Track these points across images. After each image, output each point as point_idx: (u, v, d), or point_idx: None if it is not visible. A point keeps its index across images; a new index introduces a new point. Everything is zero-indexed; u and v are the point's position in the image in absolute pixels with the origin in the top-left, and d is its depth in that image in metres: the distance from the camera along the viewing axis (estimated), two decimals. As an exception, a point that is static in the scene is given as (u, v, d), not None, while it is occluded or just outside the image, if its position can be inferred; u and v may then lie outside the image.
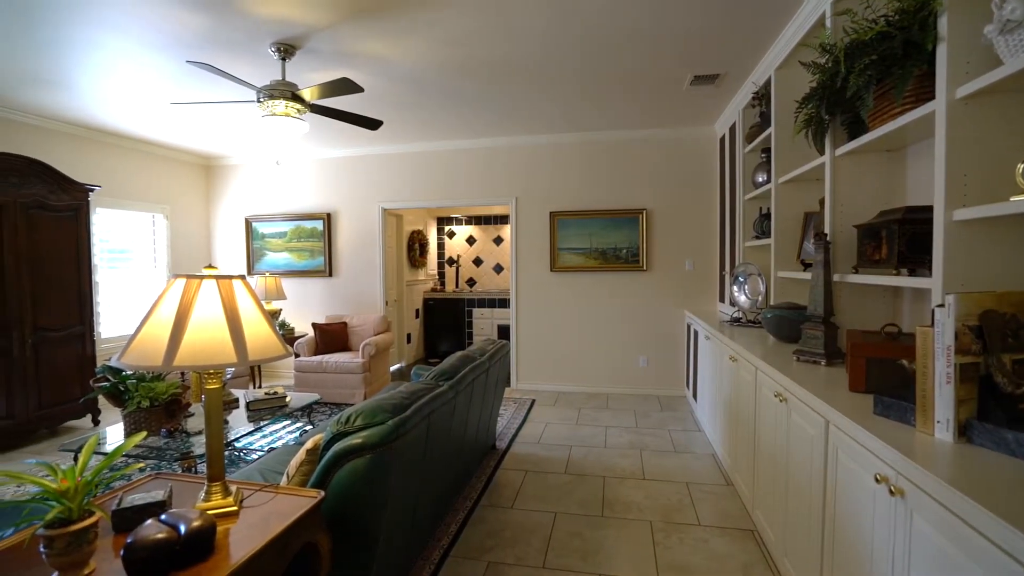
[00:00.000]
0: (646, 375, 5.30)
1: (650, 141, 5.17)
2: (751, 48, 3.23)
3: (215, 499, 1.51)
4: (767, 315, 2.88)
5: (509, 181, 5.50)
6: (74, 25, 2.81)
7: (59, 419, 4.19)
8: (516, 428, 4.22)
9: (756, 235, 3.78)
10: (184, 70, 3.43)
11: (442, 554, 2.41)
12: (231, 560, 1.29)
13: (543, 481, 3.24)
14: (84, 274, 4.39)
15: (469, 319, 7.33)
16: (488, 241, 7.87)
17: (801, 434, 1.89)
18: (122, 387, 2.88)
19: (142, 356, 1.37)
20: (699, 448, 3.76)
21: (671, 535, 2.58)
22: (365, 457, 1.64)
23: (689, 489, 3.09)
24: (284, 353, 1.49)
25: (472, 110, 4.44)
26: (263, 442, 3.89)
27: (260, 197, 6.16)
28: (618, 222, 5.27)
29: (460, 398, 2.39)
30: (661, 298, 5.24)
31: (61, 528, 1.18)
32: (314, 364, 4.95)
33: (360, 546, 1.72)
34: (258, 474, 2.19)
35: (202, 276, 1.44)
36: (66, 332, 4.25)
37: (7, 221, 3.83)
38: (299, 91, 3.10)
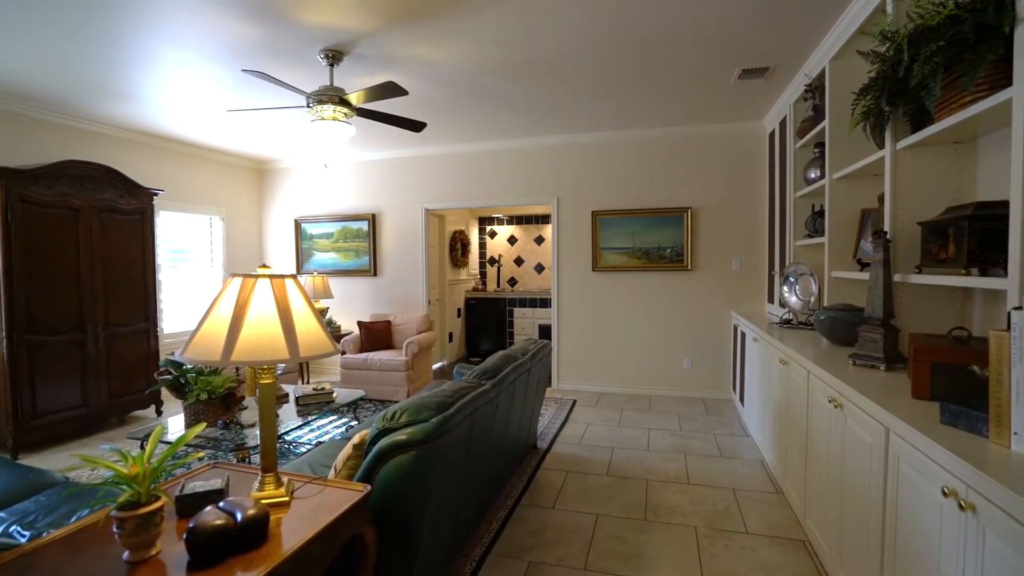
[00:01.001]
0: (690, 377, 5.17)
1: (695, 138, 5.04)
2: (803, 39, 3.10)
3: (268, 489, 1.57)
4: (820, 317, 2.76)
5: (551, 181, 5.49)
6: (142, 40, 2.99)
7: (127, 409, 4.48)
8: (557, 428, 4.21)
9: (808, 233, 3.63)
10: (238, 79, 3.60)
11: (483, 551, 2.43)
12: (283, 548, 1.34)
13: (584, 482, 3.21)
14: (149, 273, 4.67)
15: (510, 318, 7.36)
16: (529, 241, 7.87)
17: (858, 442, 1.80)
18: (183, 380, 3.04)
19: (203, 351, 1.44)
20: (746, 454, 3.64)
21: (716, 542, 2.51)
22: (409, 453, 1.67)
23: (736, 495, 3.00)
24: (333, 350, 1.53)
25: (514, 110, 4.45)
26: (311, 436, 4.03)
27: (308, 199, 6.39)
28: (662, 221, 5.16)
29: (502, 397, 2.40)
30: (706, 298, 5.10)
31: (131, 511, 1.26)
32: (359, 361, 5.08)
33: (404, 540, 1.75)
34: (307, 467, 2.27)
35: (257, 275, 1.50)
36: (133, 328, 4.53)
37: (83, 224, 4.12)
38: (346, 96, 3.19)
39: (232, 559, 1.30)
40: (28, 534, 1.78)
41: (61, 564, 1.28)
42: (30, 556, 1.32)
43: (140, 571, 1.26)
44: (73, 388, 4.05)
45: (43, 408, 3.85)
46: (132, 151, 5.03)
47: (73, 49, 3.11)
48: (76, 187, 4.07)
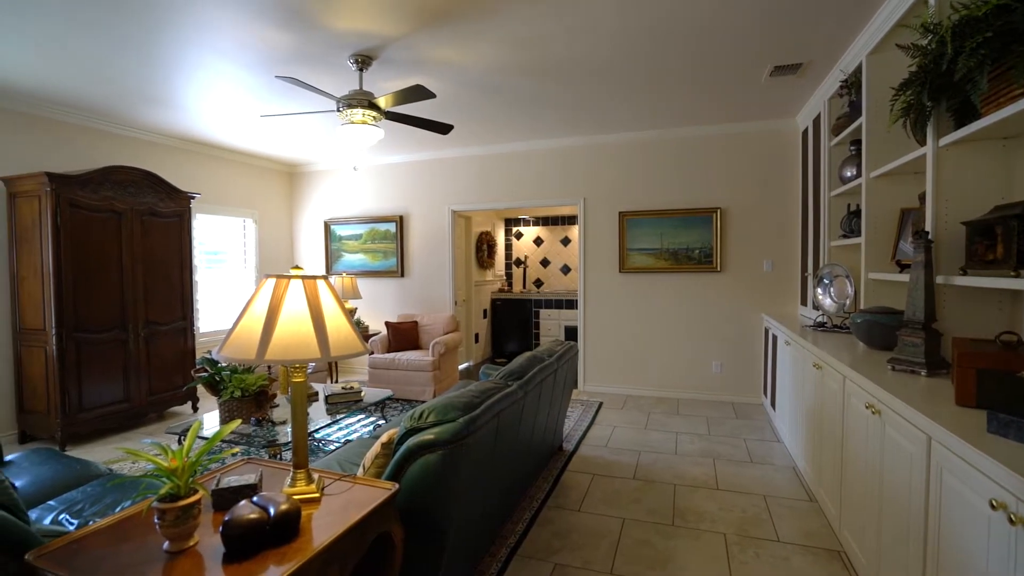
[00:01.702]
0: (720, 381, 5.08)
1: (725, 137, 4.95)
2: (839, 33, 3.01)
3: (300, 485, 1.61)
4: (857, 320, 2.68)
5: (577, 181, 5.46)
6: (184, 50, 3.10)
7: (165, 404, 4.64)
8: (583, 431, 4.18)
9: (843, 234, 3.52)
10: (271, 85, 3.69)
11: (509, 552, 2.43)
12: (313, 543, 1.37)
13: (610, 485, 3.18)
14: (186, 274, 4.83)
15: (536, 320, 7.35)
16: (555, 242, 7.85)
17: (898, 451, 1.74)
18: (218, 378, 3.14)
19: (238, 349, 1.48)
20: (778, 460, 3.55)
21: (747, 549, 2.46)
22: (437, 453, 1.68)
23: (767, 502, 2.93)
24: (363, 350, 1.56)
25: (540, 111, 4.45)
26: (339, 434, 4.10)
27: (338, 201, 6.51)
28: (690, 221, 5.08)
29: (529, 398, 2.40)
30: (736, 300, 5.00)
31: (171, 503, 1.31)
32: (387, 361, 5.15)
33: (431, 538, 1.77)
34: (336, 464, 2.31)
35: (290, 276, 1.54)
36: (171, 326, 4.69)
37: (126, 226, 4.29)
38: (375, 99, 3.24)
39: (265, 552, 1.33)
40: (76, 522, 1.86)
41: (107, 552, 1.34)
42: (78, 543, 1.38)
43: (179, 561, 1.30)
44: (116, 384, 4.22)
45: (88, 402, 4.02)
46: (171, 156, 5.22)
47: (120, 60, 3.25)
48: (119, 191, 4.24)
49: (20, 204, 3.92)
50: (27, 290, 3.94)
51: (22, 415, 4.04)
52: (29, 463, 2.49)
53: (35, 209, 3.84)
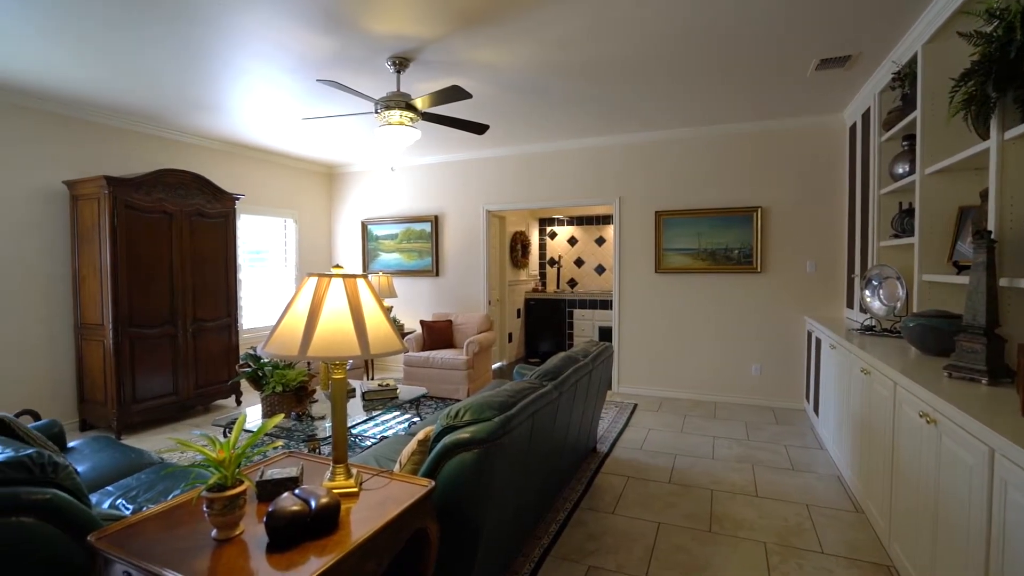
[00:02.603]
0: (759, 384, 4.93)
1: (767, 134, 4.80)
2: (892, 23, 2.87)
3: (339, 480, 1.64)
4: (909, 324, 2.55)
5: (613, 181, 5.40)
6: (231, 56, 3.22)
7: (211, 398, 4.83)
8: (617, 432, 4.13)
9: (895, 233, 3.36)
10: (312, 89, 3.79)
11: (542, 552, 2.43)
12: (352, 537, 1.40)
13: (645, 489, 3.13)
14: (231, 272, 5.02)
15: (570, 320, 7.31)
16: (590, 242, 7.79)
17: (956, 462, 1.65)
18: (261, 373, 3.24)
19: (281, 346, 1.52)
20: (821, 468, 3.42)
21: (788, 560, 2.37)
22: (472, 451, 1.69)
23: (810, 512, 2.82)
24: (401, 348, 1.58)
25: (576, 110, 4.42)
26: (375, 430, 4.18)
27: (374, 201, 6.63)
28: (729, 221, 4.95)
29: (563, 399, 2.39)
30: (777, 302, 4.84)
31: (219, 492, 1.36)
32: (421, 359, 5.22)
33: (465, 536, 1.78)
34: (373, 459, 2.35)
35: (331, 275, 1.57)
36: (216, 323, 4.87)
37: (175, 227, 4.48)
38: (412, 101, 3.29)
39: (306, 543, 1.36)
40: (131, 507, 1.96)
41: (160, 536, 1.40)
42: (134, 527, 1.45)
43: (226, 548, 1.35)
44: (165, 377, 4.42)
45: (141, 394, 4.23)
46: (216, 159, 5.43)
47: (172, 68, 3.39)
48: (170, 193, 4.43)
49: (81, 206, 4.15)
50: (87, 287, 4.17)
51: (83, 404, 4.28)
52: (89, 450, 2.63)
53: (95, 211, 4.06)
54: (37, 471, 1.43)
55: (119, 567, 1.32)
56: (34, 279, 4.07)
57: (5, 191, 3.89)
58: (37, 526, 1.36)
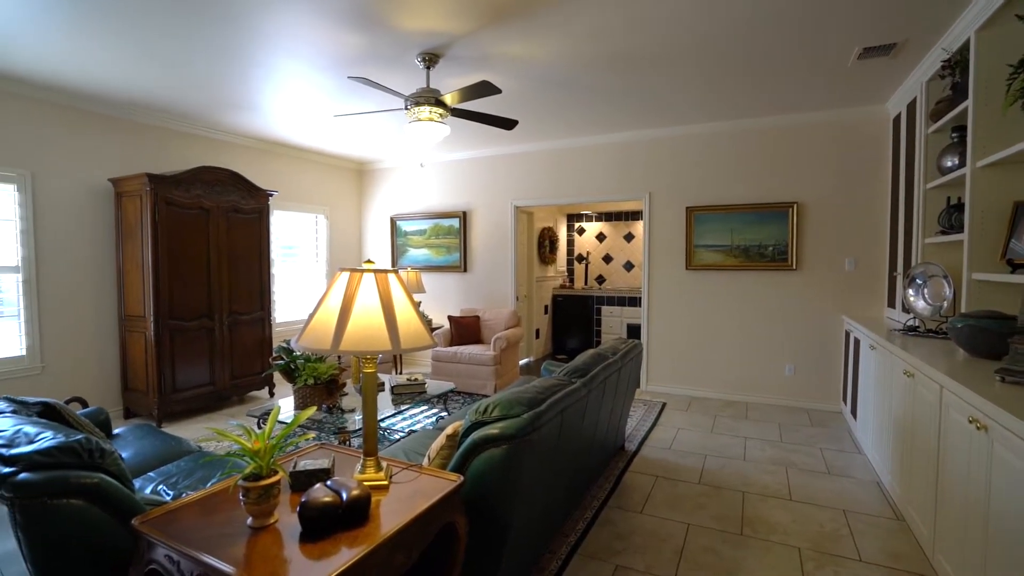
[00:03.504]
0: (793, 385, 4.80)
1: (804, 126, 4.65)
2: (941, 7, 2.73)
3: (369, 472, 1.66)
4: (957, 324, 2.43)
5: (643, 176, 5.32)
6: (265, 55, 3.28)
7: (245, 389, 4.97)
8: (646, 431, 4.08)
9: (941, 230, 3.21)
10: (343, 86, 3.84)
11: (569, 550, 2.41)
12: (382, 529, 1.41)
13: (674, 489, 3.09)
14: (264, 267, 5.14)
15: (598, 316, 7.25)
16: (618, 238, 7.70)
17: (1009, 471, 1.56)
18: (293, 366, 3.32)
19: (315, 340, 1.55)
20: (859, 472, 3.31)
21: (824, 567, 2.30)
22: (501, 447, 1.69)
23: (847, 518, 2.73)
24: (431, 343, 1.59)
25: (606, 104, 4.36)
26: (404, 424, 4.23)
27: (404, 197, 6.70)
28: (764, 217, 4.82)
29: (592, 396, 2.37)
30: (813, 301, 4.69)
31: (254, 482, 1.39)
32: (449, 354, 5.25)
33: (493, 531, 1.78)
34: (402, 453, 2.38)
35: (363, 270, 1.59)
36: (251, 316, 5.01)
37: (213, 223, 4.62)
38: (442, 96, 3.29)
39: (338, 534, 1.39)
40: (172, 493, 2.03)
41: (198, 522, 1.44)
42: (175, 513, 1.50)
43: (261, 537, 1.38)
44: (203, 368, 4.56)
45: (180, 384, 4.38)
46: (251, 156, 5.56)
47: (209, 67, 3.49)
48: (207, 190, 4.57)
49: (125, 203, 4.32)
50: (130, 281, 4.33)
51: (126, 393, 4.46)
52: (132, 437, 2.74)
53: (137, 207, 4.21)
54: (85, 456, 1.49)
55: (161, 550, 1.37)
56: (83, 273, 4.25)
57: (58, 188, 4.07)
58: (86, 508, 1.42)
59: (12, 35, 3.00)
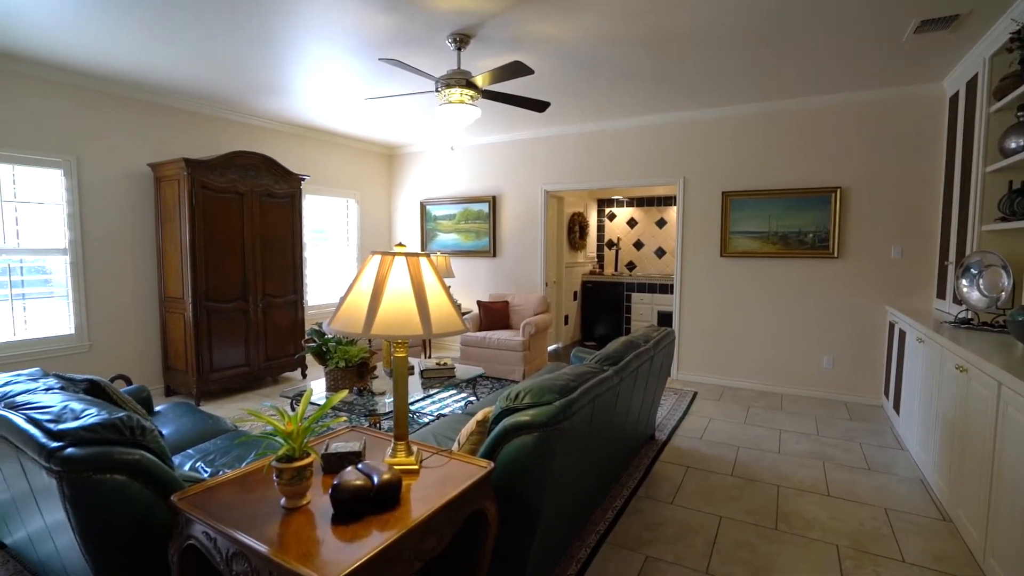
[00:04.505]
0: (831, 377, 4.63)
1: (850, 106, 4.41)
2: (1013, -24, 2.53)
3: (400, 456, 1.66)
4: (1018, 317, 2.28)
5: (677, 160, 5.17)
6: (295, 38, 3.28)
7: (279, 370, 5.08)
8: (676, 420, 4.01)
9: (1002, 216, 3.02)
10: (373, 69, 3.81)
11: (598, 539, 2.39)
12: (413, 514, 1.41)
13: (706, 480, 3.02)
14: (297, 251, 5.22)
15: (627, 303, 7.14)
16: (650, 224, 7.54)
17: (1077, 474, 1.46)
18: (324, 348, 3.36)
19: (346, 323, 1.54)
20: (901, 470, 3.18)
21: (864, 566, 2.22)
22: (532, 435, 1.66)
23: (888, 516, 2.63)
24: (463, 329, 1.56)
25: (640, 85, 4.22)
26: (432, 407, 4.26)
27: (433, 182, 6.69)
28: (804, 202, 4.63)
29: (624, 384, 2.32)
30: (855, 290, 4.50)
31: (288, 463, 1.40)
32: (478, 339, 5.26)
33: (523, 518, 1.77)
34: (432, 437, 2.38)
35: (394, 253, 1.57)
36: (284, 299, 5.10)
37: (247, 207, 4.70)
38: (473, 78, 3.24)
39: (369, 517, 1.39)
40: (209, 470, 2.08)
41: (234, 500, 1.47)
42: (212, 491, 1.53)
43: (294, 517, 1.39)
44: (238, 349, 4.69)
45: (217, 364, 4.51)
46: (283, 141, 5.63)
47: (242, 53, 3.51)
48: (241, 174, 4.64)
49: (164, 187, 4.42)
50: (169, 263, 4.46)
51: (167, 372, 4.62)
52: (172, 415, 2.83)
53: (175, 191, 4.31)
54: (127, 433, 1.53)
55: (199, 527, 1.39)
56: (126, 255, 4.39)
57: (101, 173, 4.20)
58: (128, 483, 1.46)
59: (59, 27, 3.07)
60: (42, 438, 1.48)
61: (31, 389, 1.87)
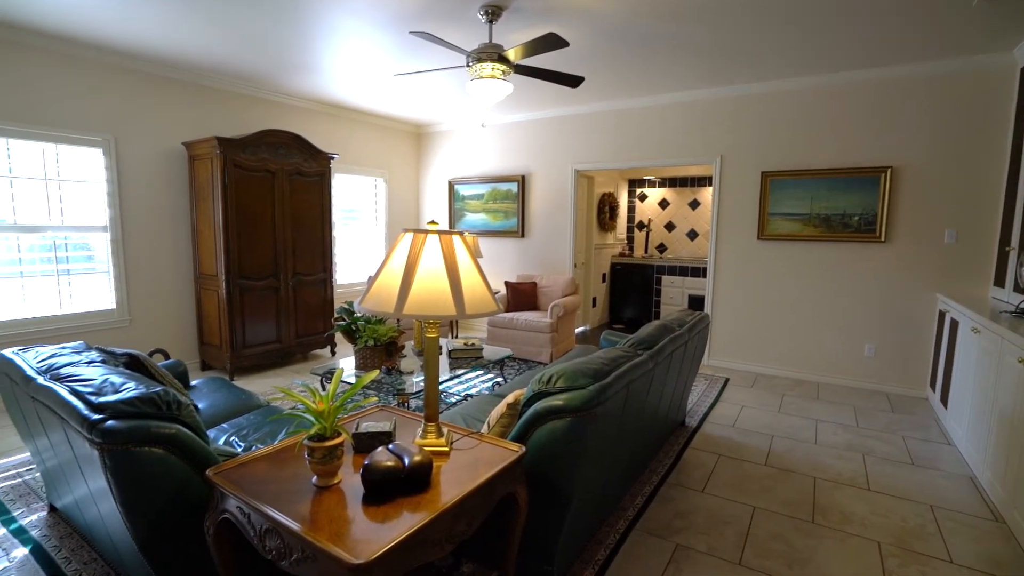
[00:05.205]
0: (872, 367, 4.45)
1: (906, 79, 4.13)
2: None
3: (430, 438, 1.64)
4: (1092, 307, 2.11)
5: (714, 138, 4.97)
6: (324, 14, 3.23)
7: (309, 347, 5.16)
8: (707, 407, 3.92)
9: (1074, 198, 2.79)
10: (403, 44, 3.74)
11: (627, 525, 2.35)
12: (444, 497, 1.39)
13: (739, 469, 2.95)
14: (326, 230, 5.25)
15: (657, 287, 7.00)
16: (683, 205, 7.34)
17: None
18: (354, 327, 3.37)
19: (378, 302, 1.51)
20: (948, 465, 3.03)
21: (908, 565, 2.13)
22: (565, 419, 1.62)
23: (934, 514, 2.51)
24: (497, 310, 1.52)
25: (677, 59, 4.04)
26: (459, 387, 4.27)
27: (461, 161, 6.62)
28: (850, 183, 4.40)
29: (658, 370, 2.25)
30: (903, 276, 4.28)
31: (319, 442, 1.39)
32: (506, 320, 5.23)
33: (553, 504, 1.73)
34: (460, 418, 2.37)
35: (427, 231, 1.52)
36: (314, 277, 5.15)
37: (277, 185, 4.73)
38: (505, 52, 3.14)
39: (399, 499, 1.37)
40: (242, 445, 2.11)
41: (267, 477, 1.47)
42: (246, 466, 1.54)
43: (325, 496, 1.39)
44: (269, 326, 4.76)
45: (250, 340, 4.60)
46: (312, 119, 5.62)
47: (272, 31, 3.48)
48: (272, 153, 4.65)
49: (197, 166, 4.48)
50: (203, 241, 4.54)
51: (202, 347, 4.74)
52: (207, 389, 2.88)
53: (208, 169, 4.36)
54: (164, 407, 1.54)
55: (233, 502, 1.40)
56: (163, 233, 4.49)
57: (137, 152, 4.27)
58: (165, 457, 1.48)
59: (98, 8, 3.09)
60: (84, 410, 1.51)
61: (75, 362, 1.91)
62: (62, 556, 2.07)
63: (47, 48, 3.74)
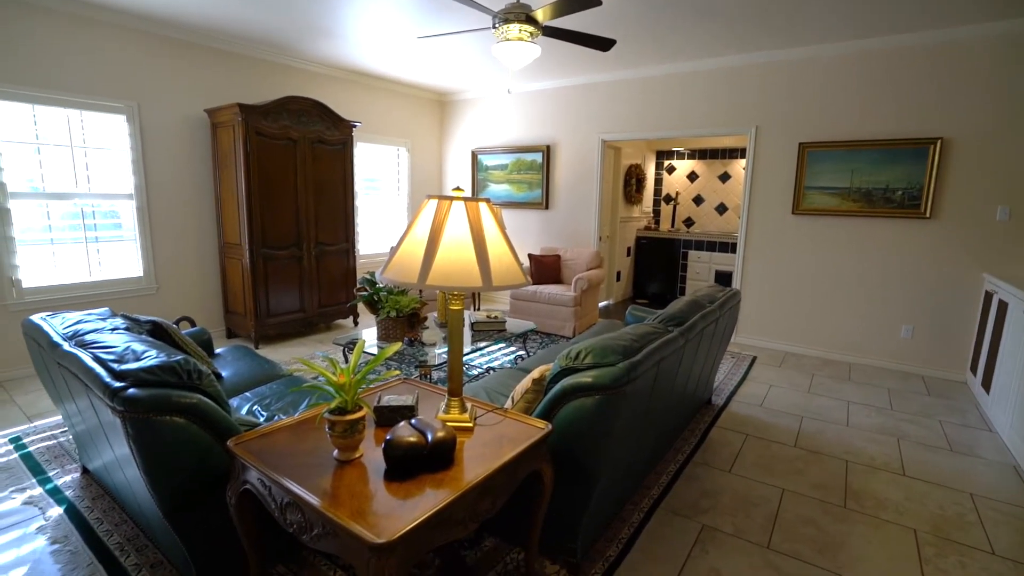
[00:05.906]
0: (909, 348, 4.27)
1: (961, 43, 3.83)
2: None
3: (453, 413, 1.59)
4: None
5: (748, 107, 4.72)
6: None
7: (331, 317, 5.19)
8: (734, 385, 3.82)
9: None
10: (425, 4, 3.59)
11: (652, 503, 2.31)
12: (468, 475, 1.34)
13: (767, 450, 2.87)
14: (349, 199, 5.20)
15: (683, 261, 6.83)
16: (712, 178, 7.08)
17: None
18: (376, 298, 3.34)
19: (400, 272, 1.45)
20: (988, 453, 2.91)
21: (947, 555, 2.04)
22: (593, 397, 1.56)
23: (975, 502, 2.41)
24: (524, 282, 1.44)
25: (715, 20, 3.80)
26: (481, 360, 4.24)
27: (485, 130, 6.46)
28: (895, 155, 4.15)
29: (688, 347, 2.16)
30: (947, 254, 4.06)
31: (340, 415, 1.35)
32: (529, 293, 5.16)
33: (579, 482, 1.69)
34: (483, 392, 2.33)
35: (452, 197, 1.44)
36: (336, 247, 5.14)
37: (299, 153, 4.67)
38: (533, 12, 2.98)
39: (422, 476, 1.33)
40: (265, 415, 2.10)
41: (288, 449, 1.45)
42: (267, 437, 1.52)
43: (347, 470, 1.36)
44: (293, 295, 4.78)
45: (273, 309, 4.63)
46: (334, 87, 5.52)
47: (292, -15, 3.37)
48: (294, 120, 4.59)
49: (220, 133, 4.44)
50: (227, 209, 4.53)
51: (227, 315, 4.80)
52: (232, 357, 2.90)
53: (230, 137, 4.32)
54: (184, 377, 1.52)
55: (254, 473, 1.38)
56: (187, 201, 4.49)
57: (160, 119, 4.24)
58: (187, 426, 1.46)
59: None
60: (106, 377, 1.50)
61: (99, 329, 1.91)
62: (94, 517, 2.12)
63: (71, 13, 3.69)
